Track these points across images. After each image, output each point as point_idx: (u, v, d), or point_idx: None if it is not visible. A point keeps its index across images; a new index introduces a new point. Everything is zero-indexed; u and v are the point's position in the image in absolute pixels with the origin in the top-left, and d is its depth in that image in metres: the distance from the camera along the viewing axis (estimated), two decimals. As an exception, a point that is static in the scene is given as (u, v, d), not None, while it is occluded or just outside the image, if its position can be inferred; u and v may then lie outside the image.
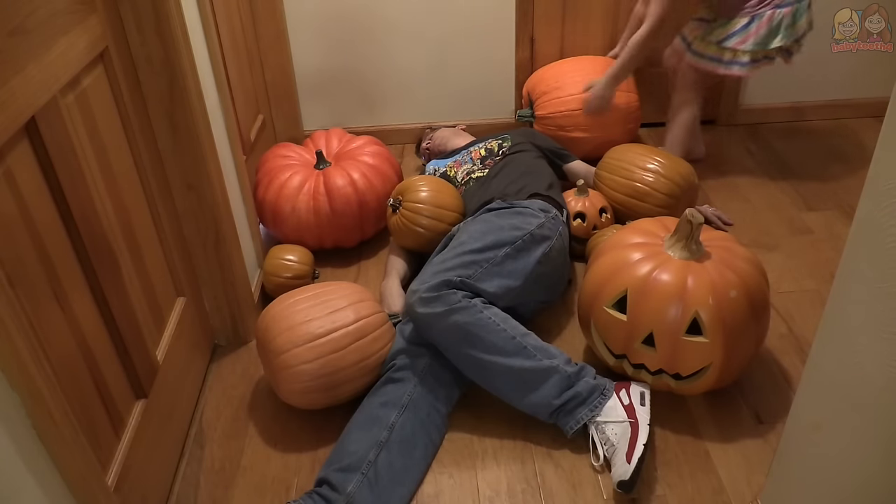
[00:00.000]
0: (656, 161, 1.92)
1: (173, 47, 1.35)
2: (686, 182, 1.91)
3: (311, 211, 1.96)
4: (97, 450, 1.08)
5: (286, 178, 1.98)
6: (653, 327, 1.39)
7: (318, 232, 1.99)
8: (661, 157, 1.94)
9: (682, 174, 1.91)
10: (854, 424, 0.94)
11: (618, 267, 1.45)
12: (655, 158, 1.93)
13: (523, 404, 1.45)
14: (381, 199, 2.01)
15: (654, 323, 1.39)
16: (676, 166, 1.92)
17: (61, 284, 1.03)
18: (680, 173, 1.91)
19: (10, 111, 0.91)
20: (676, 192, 1.89)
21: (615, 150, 2.04)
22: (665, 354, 1.41)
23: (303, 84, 2.58)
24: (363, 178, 1.99)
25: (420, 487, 1.38)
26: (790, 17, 1.99)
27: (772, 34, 2.00)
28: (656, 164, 1.91)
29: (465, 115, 2.67)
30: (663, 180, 1.89)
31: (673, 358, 1.41)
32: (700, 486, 1.36)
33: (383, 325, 1.51)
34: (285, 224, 1.98)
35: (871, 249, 0.86)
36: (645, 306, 1.39)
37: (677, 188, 1.89)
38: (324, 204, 1.96)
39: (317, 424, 1.51)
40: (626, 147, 2.03)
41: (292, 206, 1.96)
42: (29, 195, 0.97)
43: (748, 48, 2.02)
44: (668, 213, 1.84)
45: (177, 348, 1.47)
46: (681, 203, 1.89)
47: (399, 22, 2.48)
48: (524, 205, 1.72)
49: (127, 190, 1.28)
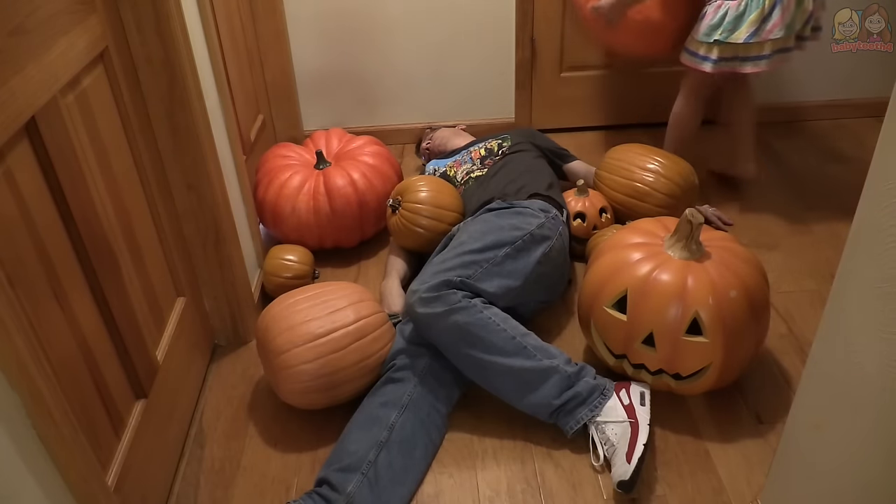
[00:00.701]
0: (656, 161, 1.92)
1: (173, 47, 1.35)
2: (686, 182, 1.91)
3: (311, 211, 1.96)
4: (97, 450, 1.08)
5: (286, 178, 1.98)
6: (653, 327, 1.39)
7: (319, 232, 1.99)
8: (661, 157, 1.94)
9: (682, 174, 1.91)
10: (854, 424, 0.94)
11: (617, 267, 1.45)
12: (655, 158, 1.93)
13: (523, 404, 1.45)
14: (381, 199, 2.01)
15: (653, 323, 1.39)
16: (676, 166, 1.92)
17: (61, 284, 1.03)
18: (680, 173, 1.91)
19: (10, 111, 0.91)
20: (676, 192, 1.89)
21: (615, 150, 2.04)
22: (665, 354, 1.41)
23: (303, 84, 2.58)
24: (363, 178, 1.99)
25: (420, 487, 1.38)
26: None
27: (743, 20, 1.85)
28: (656, 164, 1.91)
29: (465, 115, 2.67)
30: (663, 180, 1.89)
31: (673, 358, 1.41)
32: (700, 486, 1.36)
33: (383, 325, 1.51)
34: (285, 224, 1.98)
35: (871, 249, 0.86)
36: (645, 306, 1.39)
37: (677, 188, 1.89)
38: (324, 204, 1.96)
39: (317, 424, 1.51)
40: (626, 147, 2.03)
41: (292, 207, 1.96)
42: (29, 195, 0.97)
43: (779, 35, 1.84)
44: (668, 214, 1.84)
45: (177, 348, 1.47)
46: (681, 203, 1.89)
47: (399, 22, 2.48)
48: (524, 205, 1.72)
49: (127, 190, 1.28)
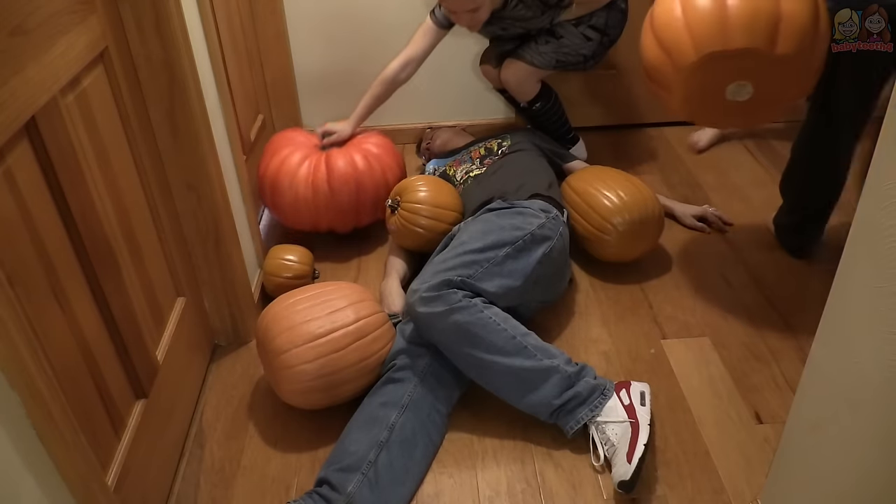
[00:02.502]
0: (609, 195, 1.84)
1: (173, 47, 1.35)
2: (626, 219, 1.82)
3: (310, 187, 1.96)
4: (97, 450, 1.08)
5: (287, 153, 2.00)
6: None
7: (315, 212, 1.99)
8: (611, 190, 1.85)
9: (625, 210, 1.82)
10: (854, 424, 0.94)
11: None
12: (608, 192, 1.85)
13: (523, 404, 1.45)
14: (379, 187, 2.01)
15: None
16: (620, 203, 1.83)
17: (61, 284, 1.03)
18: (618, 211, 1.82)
19: (10, 111, 0.91)
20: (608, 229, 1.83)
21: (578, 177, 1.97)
22: None
23: (303, 84, 2.58)
24: (364, 162, 1.99)
25: (420, 487, 1.38)
26: None
27: None
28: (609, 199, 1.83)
29: (466, 115, 2.67)
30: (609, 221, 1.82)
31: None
32: (700, 486, 1.36)
33: (383, 325, 1.51)
34: (282, 199, 1.98)
35: (871, 249, 0.86)
36: None
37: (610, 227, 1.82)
38: (322, 183, 1.96)
39: (317, 424, 1.51)
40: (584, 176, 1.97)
41: (290, 181, 1.96)
42: (29, 195, 0.96)
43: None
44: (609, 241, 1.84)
45: (177, 348, 1.47)
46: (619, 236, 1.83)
47: (399, 21, 2.48)
48: (525, 205, 1.72)
49: (127, 190, 1.28)
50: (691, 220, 2.13)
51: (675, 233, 2.11)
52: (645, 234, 1.87)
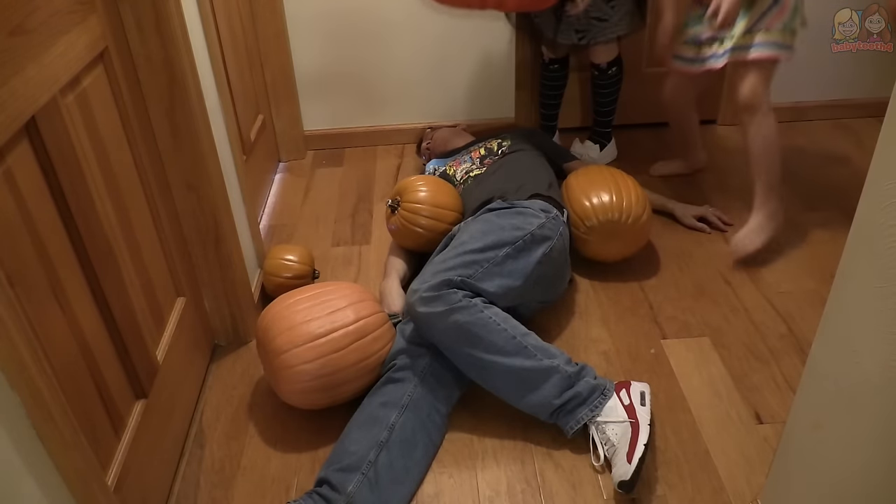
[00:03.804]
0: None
1: (173, 47, 1.35)
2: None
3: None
4: (97, 450, 1.08)
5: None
6: None
7: None
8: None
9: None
10: (854, 424, 0.94)
11: None
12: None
13: (523, 404, 1.45)
14: None
15: None
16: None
17: (61, 284, 1.03)
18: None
19: (10, 111, 0.91)
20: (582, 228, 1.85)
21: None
22: None
23: (303, 84, 2.58)
24: None
25: (420, 487, 1.38)
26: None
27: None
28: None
29: (465, 115, 2.68)
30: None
31: None
32: (700, 486, 1.36)
33: (383, 325, 1.51)
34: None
35: (871, 249, 0.86)
36: None
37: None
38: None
39: (317, 424, 1.51)
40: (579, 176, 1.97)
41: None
42: (29, 195, 0.96)
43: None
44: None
45: (177, 348, 1.47)
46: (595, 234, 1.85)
47: (399, 21, 2.48)
48: (525, 205, 1.72)
49: (127, 190, 1.28)
50: (691, 220, 2.13)
51: (675, 233, 2.11)
52: (619, 235, 1.85)
